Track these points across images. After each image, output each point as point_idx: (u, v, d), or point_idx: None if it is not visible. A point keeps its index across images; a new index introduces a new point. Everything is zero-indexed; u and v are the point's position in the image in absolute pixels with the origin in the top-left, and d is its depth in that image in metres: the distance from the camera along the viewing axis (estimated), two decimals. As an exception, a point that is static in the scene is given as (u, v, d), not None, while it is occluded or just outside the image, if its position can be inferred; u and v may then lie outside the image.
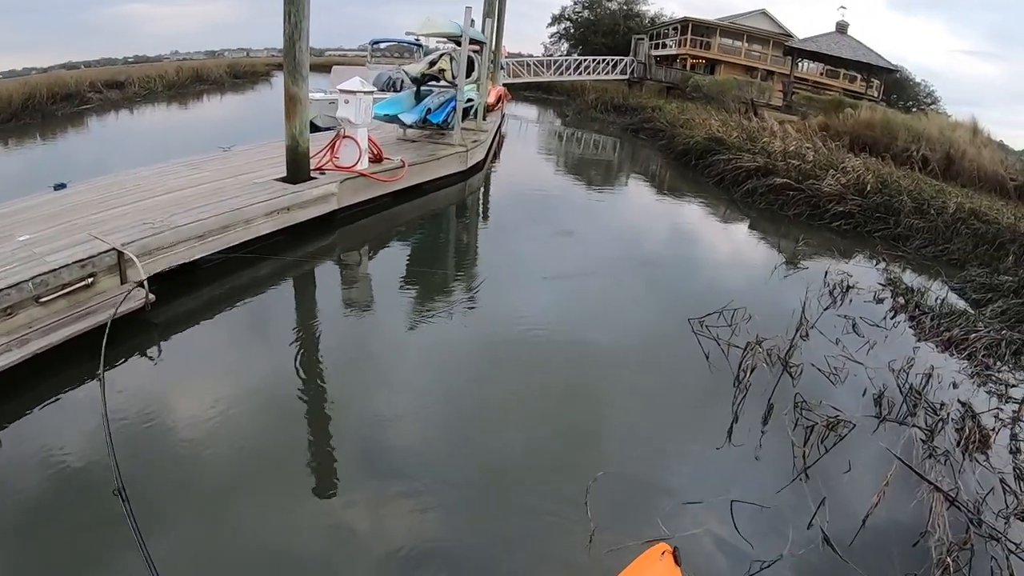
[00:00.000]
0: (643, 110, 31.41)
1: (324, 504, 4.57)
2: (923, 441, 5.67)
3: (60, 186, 9.69)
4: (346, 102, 10.99)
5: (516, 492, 4.74)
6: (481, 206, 14.53)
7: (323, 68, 28.47)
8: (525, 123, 32.55)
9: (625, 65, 41.47)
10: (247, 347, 6.98)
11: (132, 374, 6.11)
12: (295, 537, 4.18)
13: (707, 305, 7.97)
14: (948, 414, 6.07)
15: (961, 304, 9.68)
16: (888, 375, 6.86)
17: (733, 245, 12.54)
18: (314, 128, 13.86)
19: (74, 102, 28.57)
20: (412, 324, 7.54)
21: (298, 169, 10.37)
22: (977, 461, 5.53)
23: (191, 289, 7.93)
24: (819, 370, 6.83)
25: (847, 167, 15.52)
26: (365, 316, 7.92)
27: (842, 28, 35.74)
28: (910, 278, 10.63)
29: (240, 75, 45.08)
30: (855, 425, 5.72)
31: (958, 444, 5.69)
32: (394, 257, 10.12)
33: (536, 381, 6.38)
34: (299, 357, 6.54)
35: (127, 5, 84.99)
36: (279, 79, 21.54)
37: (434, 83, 15.23)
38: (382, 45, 26.00)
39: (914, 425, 5.87)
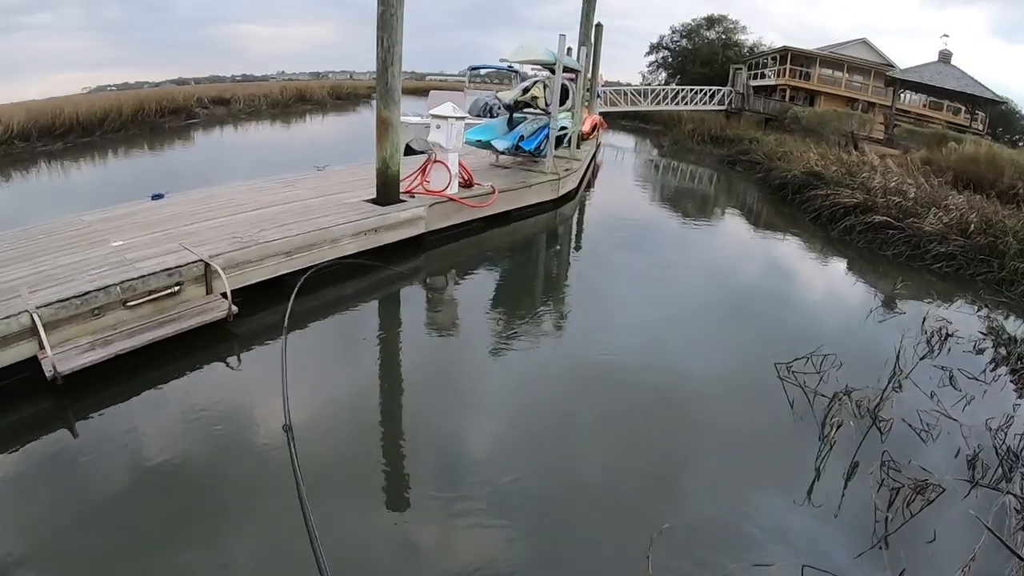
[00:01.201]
0: (740, 141, 30.80)
1: (388, 516, 4.71)
2: (1017, 511, 5.31)
3: (158, 196, 10.12)
4: (437, 127, 11.12)
5: (579, 533, 4.67)
6: (572, 235, 14.46)
7: (424, 92, 28.96)
8: (621, 152, 32.46)
9: (723, 95, 41.01)
10: (324, 361, 7.18)
11: (207, 381, 6.43)
12: (358, 545, 4.38)
13: (796, 348, 7.69)
14: (1048, 481, 5.71)
15: (1068, 358, 9.11)
16: (984, 434, 6.46)
17: (827, 285, 12.14)
18: (410, 151, 14.11)
19: (181, 116, 29.81)
20: (493, 349, 7.57)
21: (387, 191, 10.53)
22: (1076, 537, 5.17)
23: (275, 303, 8.06)
24: (910, 425, 6.49)
25: (950, 205, 14.84)
26: (447, 339, 8.00)
27: (945, 57, 34.47)
28: (1013, 326, 10.07)
29: (342, 96, 46.30)
30: (944, 490, 5.40)
31: (1056, 516, 5.33)
32: (480, 282, 10.15)
33: (612, 418, 6.29)
34: (375, 373, 6.75)
35: (237, 25, 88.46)
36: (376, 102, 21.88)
37: (528, 110, 15.26)
38: (481, 71, 26.24)
39: (1009, 492, 5.50)
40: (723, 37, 51.30)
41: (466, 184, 12.16)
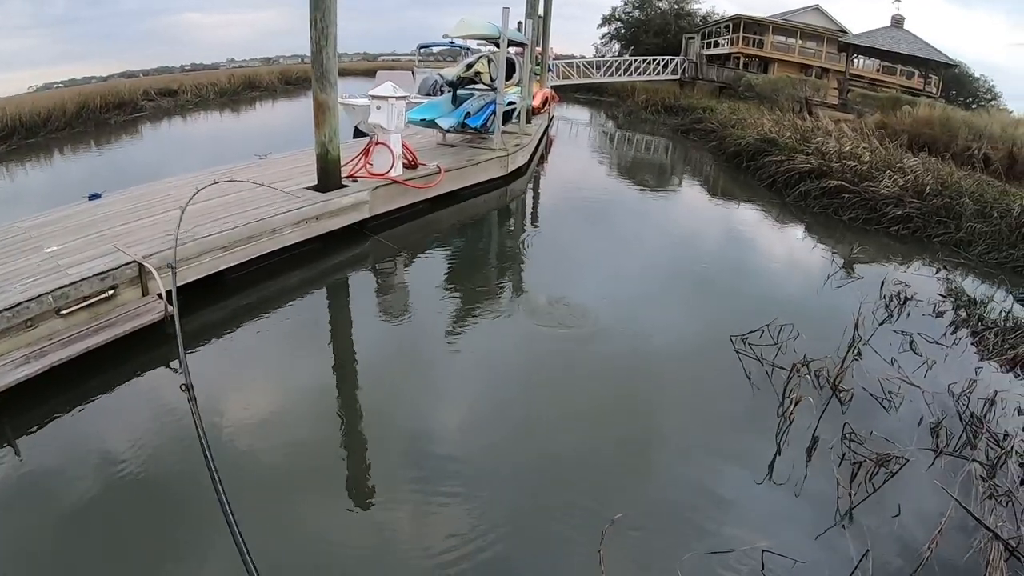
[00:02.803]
0: (694, 110, 30.76)
1: (352, 516, 4.53)
2: (983, 478, 5.12)
3: (95, 196, 9.71)
4: (378, 108, 10.75)
5: (529, 524, 4.45)
6: (523, 211, 14.20)
7: (375, 73, 28.47)
8: (575, 125, 32.13)
9: (676, 65, 40.77)
10: (271, 359, 6.82)
11: (146, 386, 6.12)
12: (326, 545, 4.22)
13: (753, 318, 7.46)
14: (1012, 446, 5.49)
15: (1028, 317, 9.00)
16: (947, 400, 6.31)
17: (783, 253, 11.97)
18: (359, 134, 13.70)
19: (127, 110, 29.03)
20: (445, 333, 7.30)
21: (328, 177, 10.18)
22: (1045, 502, 4.99)
23: (217, 300, 7.84)
24: (871, 394, 6.31)
25: (905, 168, 14.75)
26: (398, 325, 7.66)
27: (898, 22, 34.54)
28: (972, 287, 9.97)
29: (292, 81, 45.47)
30: (908, 460, 5.19)
31: (1022, 483, 5.13)
32: (430, 265, 9.79)
33: (566, 399, 6.07)
34: (327, 368, 6.46)
35: (182, 15, 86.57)
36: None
37: (473, 86, 14.91)
38: (434, 49, 25.78)
39: (974, 460, 5.31)
40: (676, 7, 50.90)
41: (411, 165, 11.80)
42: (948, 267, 10.91)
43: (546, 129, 22.94)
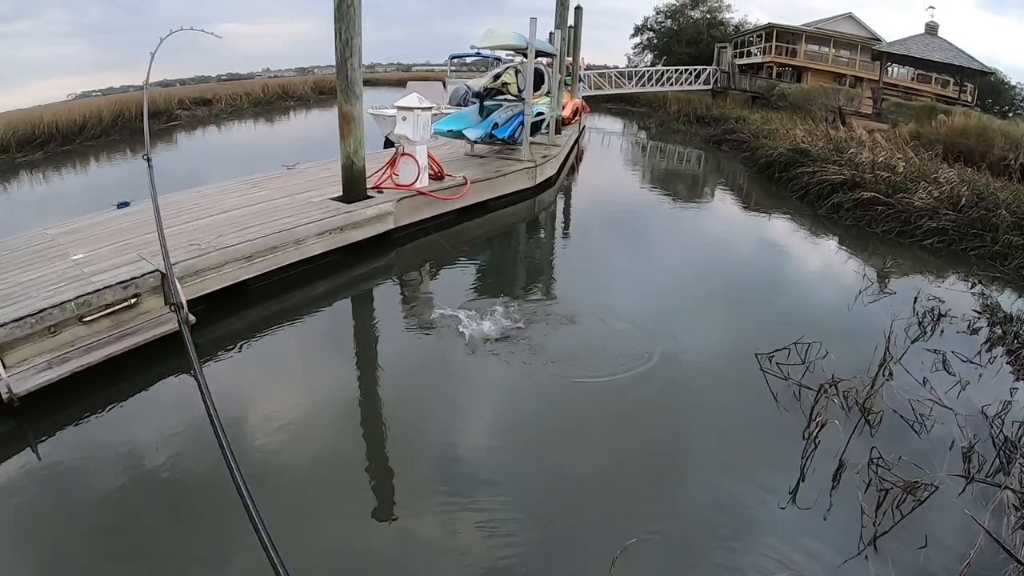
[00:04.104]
0: (726, 121, 30.48)
1: (368, 529, 4.49)
2: (1016, 507, 4.94)
3: (123, 204, 9.80)
4: (403, 119, 10.74)
5: (540, 545, 4.33)
6: (551, 223, 14.10)
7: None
8: (607, 135, 32.01)
9: (708, 75, 40.50)
10: (293, 369, 6.83)
11: (166, 395, 6.14)
12: (344, 555, 4.23)
13: (782, 335, 7.28)
14: (1048, 473, 5.32)
15: (1066, 334, 8.75)
16: (980, 422, 6.10)
17: (814, 266, 11.77)
18: (390, 144, 13.70)
19: (162, 119, 29.35)
20: (469, 346, 7.17)
21: (353, 188, 10.18)
22: (1079, 533, 4.79)
23: (239, 310, 7.85)
24: (901, 416, 6.11)
25: (940, 179, 14.48)
26: (421, 337, 7.50)
27: (932, 29, 33.95)
28: (1009, 303, 9.69)
29: (325, 91, 45.75)
30: (937, 488, 5.01)
31: (1057, 512, 4.94)
32: (454, 277, 9.69)
33: (583, 418, 5.96)
34: (349, 379, 6.44)
35: (220, 24, 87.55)
36: (364, 95, 21.47)
37: (501, 97, 14.86)
38: (468, 59, 25.76)
39: (1007, 487, 5.12)
40: (708, 16, 50.79)
41: (437, 176, 11.76)
42: (984, 281, 10.62)
43: (577, 140, 22.83)
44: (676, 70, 40.05)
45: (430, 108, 11.18)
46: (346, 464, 5.18)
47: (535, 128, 16.08)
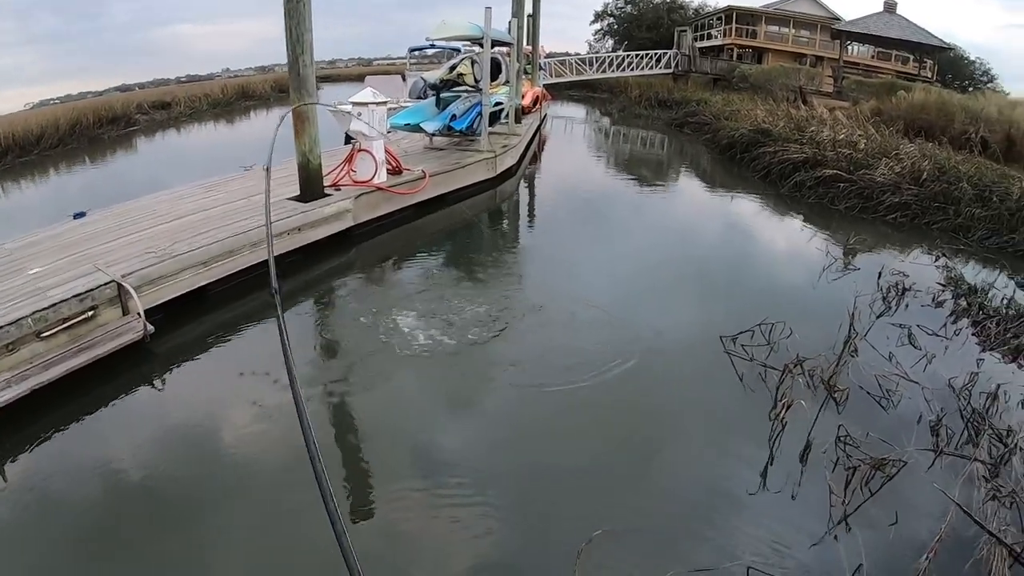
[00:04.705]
0: (687, 103, 30.59)
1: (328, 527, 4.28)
2: (986, 479, 4.90)
3: (79, 215, 9.61)
4: (359, 115, 10.54)
5: (503, 538, 4.28)
6: (513, 213, 14.00)
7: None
8: (569, 122, 31.93)
9: (669, 58, 40.48)
10: (254, 373, 6.48)
11: (128, 408, 5.97)
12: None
13: (746, 315, 7.26)
14: (1016, 443, 5.27)
15: (1030, 304, 8.78)
16: (947, 395, 6.08)
17: (778, 245, 11.77)
18: (350, 140, 13.54)
19: (120, 124, 28.86)
20: (433, 339, 7.03)
21: (310, 187, 10.01)
22: (1050, 502, 4.76)
23: (199, 316, 7.67)
24: (868, 393, 6.08)
25: (901, 154, 14.56)
26: (384, 334, 7.27)
27: (890, 7, 34.09)
28: (972, 274, 9.75)
29: (285, 89, 44.80)
30: (906, 463, 4.96)
31: (1027, 482, 4.92)
32: (416, 272, 9.51)
33: (545, 409, 5.85)
34: (313, 380, 6.19)
35: (177, 26, 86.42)
36: (325, 91, 21.15)
37: (458, 88, 14.70)
38: (428, 52, 25.48)
39: (976, 459, 5.08)
40: (668, 1, 50.78)
41: (395, 171, 11.60)
42: (947, 254, 10.68)
43: (538, 128, 22.72)
44: (637, 55, 40.00)
45: (385, 103, 11.03)
46: (295, 477, 4.95)
47: (494, 118, 15.98)
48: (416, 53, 24.89)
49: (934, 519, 4.45)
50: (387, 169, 11.22)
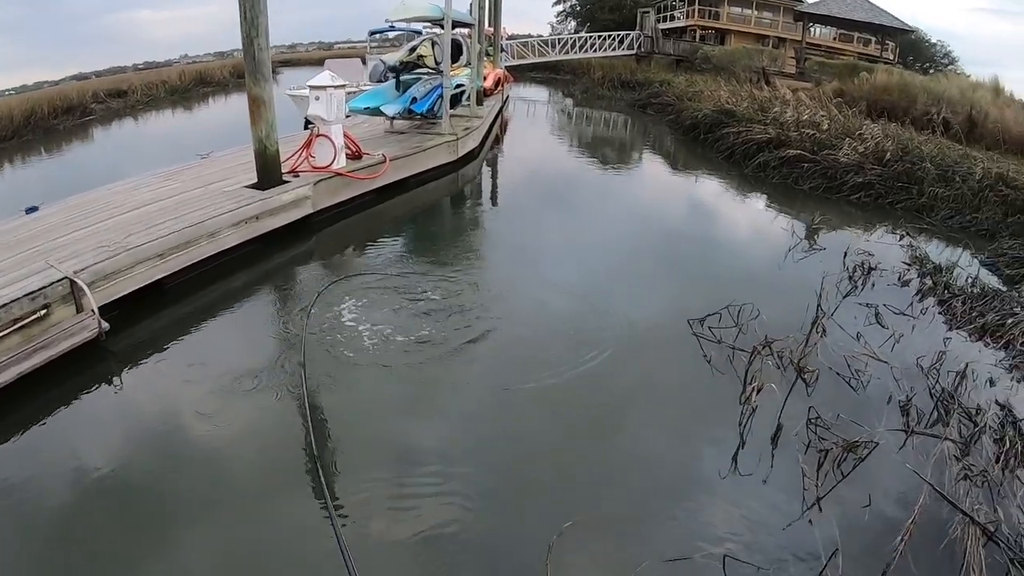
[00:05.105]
0: (650, 85, 30.64)
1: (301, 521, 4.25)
2: (957, 458, 4.87)
3: (32, 209, 9.21)
4: (316, 99, 10.29)
5: (472, 533, 4.13)
6: (476, 196, 13.82)
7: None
8: (532, 104, 31.79)
9: (632, 40, 40.39)
10: (215, 366, 6.24)
11: (85, 409, 5.70)
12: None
13: (714, 297, 7.18)
14: (985, 422, 5.25)
15: (994, 281, 8.83)
16: (916, 375, 6.06)
17: (743, 226, 11.73)
18: (308, 126, 13.29)
19: (76, 114, 28.18)
20: (397, 326, 6.82)
21: (268, 174, 9.71)
22: (1019, 480, 4.70)
23: (156, 311, 7.35)
24: (838, 374, 6.04)
25: (865, 134, 14.65)
26: (348, 323, 7.08)
27: (853, -11, 34.46)
28: (937, 253, 9.82)
29: (244, 75, 44.46)
30: (877, 444, 4.91)
31: (997, 460, 4.88)
32: (378, 260, 9.26)
33: (510, 401, 5.67)
34: (275, 372, 5.97)
35: (132, 11, 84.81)
36: (285, 75, 20.72)
37: (419, 71, 14.47)
38: (390, 35, 25.11)
39: (946, 438, 5.05)
40: (631, -18, 50.71)
41: (354, 156, 11.36)
42: (911, 233, 10.73)
43: (500, 110, 22.57)
44: (600, 36, 39.81)
45: (344, 86, 10.76)
46: (282, 457, 4.88)
47: (455, 100, 15.77)
48: (377, 36, 24.57)
49: (907, 500, 4.40)
50: (347, 154, 10.98)
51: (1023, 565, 3.88)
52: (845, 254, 9.21)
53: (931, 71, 33.97)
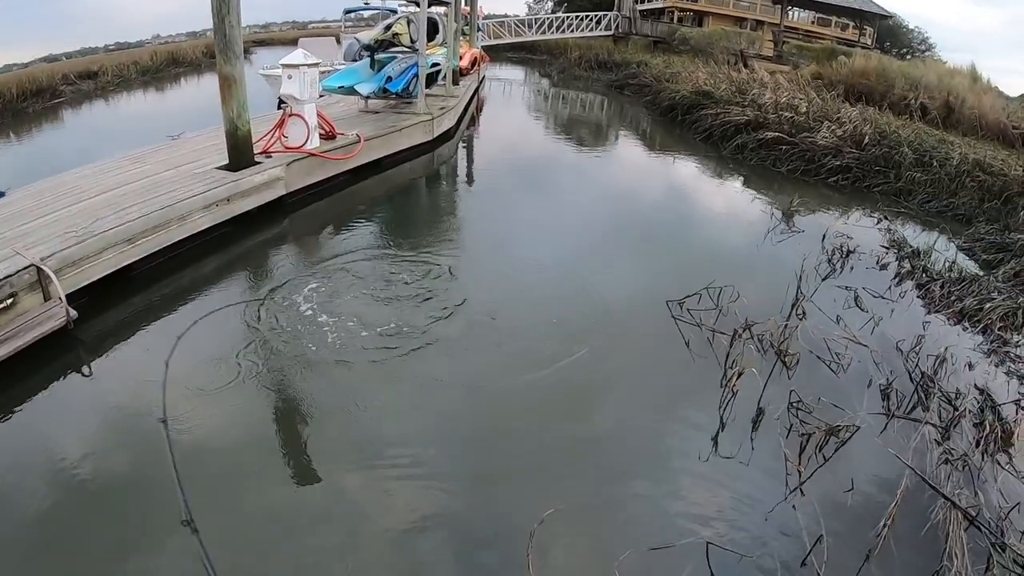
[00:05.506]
0: (628, 66, 30.57)
1: (289, 504, 4.22)
2: (937, 442, 4.85)
3: (-1, 195, 8.91)
4: (289, 77, 10.05)
5: (449, 537, 3.99)
6: (452, 176, 13.58)
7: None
8: (508, 84, 31.53)
9: (609, 20, 40.22)
10: (187, 353, 6.05)
11: (55, 400, 5.49)
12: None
13: (692, 279, 7.11)
14: (965, 406, 5.25)
15: (971, 266, 8.86)
16: (896, 358, 6.06)
17: (722, 209, 11.65)
18: (281, 105, 13.05)
19: (46, 97, 27.65)
20: (372, 310, 6.69)
21: (240, 155, 9.48)
22: (999, 464, 4.73)
23: (125, 297, 7.11)
24: (818, 357, 6.01)
25: (843, 118, 14.67)
26: (322, 306, 6.88)
27: (833, -26, 34.55)
28: (915, 237, 9.82)
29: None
30: (859, 428, 4.87)
31: (977, 444, 4.88)
32: (352, 242, 9.07)
33: (486, 381, 5.61)
34: (249, 358, 5.83)
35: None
36: (258, 55, 20.36)
37: (394, 49, 14.27)
38: (365, 13, 24.75)
39: (927, 422, 5.04)
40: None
41: (328, 135, 11.16)
42: (889, 217, 10.75)
43: (476, 90, 22.44)
44: (577, 17, 39.60)
45: (317, 64, 10.53)
46: (257, 444, 4.78)
47: (431, 80, 15.58)
48: (351, 15, 24.14)
49: (890, 484, 4.39)
50: (320, 134, 10.79)
51: (1004, 549, 3.86)
52: (824, 237, 9.22)
53: (908, 57, 34.11)
